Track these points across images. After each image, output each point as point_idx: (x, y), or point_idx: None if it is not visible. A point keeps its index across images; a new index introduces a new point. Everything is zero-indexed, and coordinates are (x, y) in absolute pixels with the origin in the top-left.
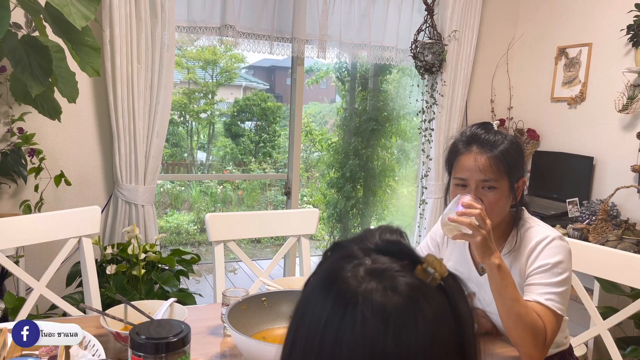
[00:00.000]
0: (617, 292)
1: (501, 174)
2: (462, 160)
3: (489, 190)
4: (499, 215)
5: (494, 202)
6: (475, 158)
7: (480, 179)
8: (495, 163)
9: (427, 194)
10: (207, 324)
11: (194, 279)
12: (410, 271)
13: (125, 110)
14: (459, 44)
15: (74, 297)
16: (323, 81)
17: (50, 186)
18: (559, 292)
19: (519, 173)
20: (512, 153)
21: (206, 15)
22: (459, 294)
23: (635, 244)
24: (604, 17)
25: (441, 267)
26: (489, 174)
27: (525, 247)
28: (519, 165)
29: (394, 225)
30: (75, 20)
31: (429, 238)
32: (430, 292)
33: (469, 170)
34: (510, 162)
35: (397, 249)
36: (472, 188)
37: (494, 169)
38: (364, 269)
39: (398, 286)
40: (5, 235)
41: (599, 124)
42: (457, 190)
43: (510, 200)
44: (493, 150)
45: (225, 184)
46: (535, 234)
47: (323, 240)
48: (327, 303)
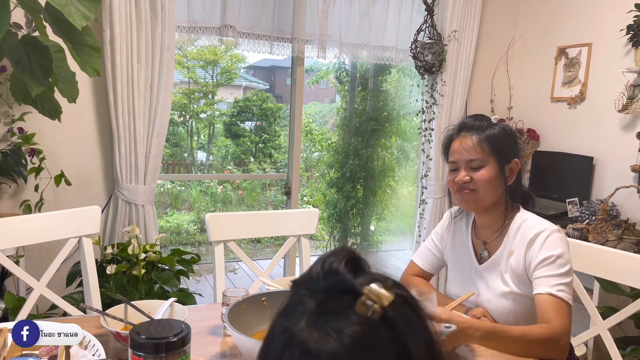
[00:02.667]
0: (617, 292)
1: (487, 154)
2: (453, 144)
3: (477, 169)
4: (491, 192)
5: (483, 180)
6: (461, 141)
7: (467, 158)
8: (479, 143)
9: (427, 194)
10: (207, 324)
11: (194, 278)
12: (351, 308)
13: (125, 110)
14: (459, 44)
15: (74, 297)
16: (323, 81)
17: (50, 186)
18: (567, 283)
19: (510, 155)
20: (499, 136)
21: (206, 15)
22: (406, 320)
23: (635, 244)
24: (604, 17)
25: (379, 297)
26: (474, 154)
27: (524, 236)
28: (509, 147)
29: (342, 249)
30: (75, 20)
31: (433, 234)
32: (371, 328)
33: (457, 152)
34: (497, 143)
35: (337, 283)
36: (461, 169)
37: (478, 149)
38: (306, 317)
39: (341, 330)
40: (5, 235)
41: (599, 124)
42: (450, 176)
43: (501, 180)
44: (480, 133)
45: (225, 184)
46: (533, 225)
47: (323, 240)
48: None
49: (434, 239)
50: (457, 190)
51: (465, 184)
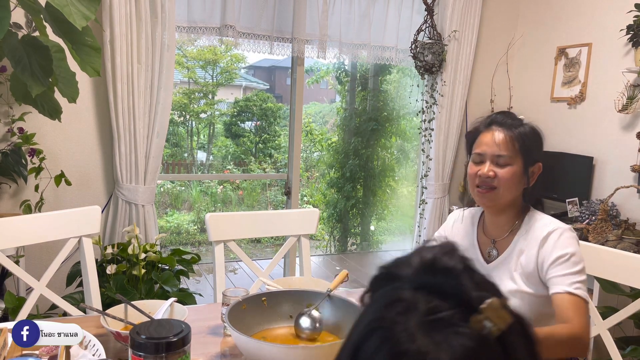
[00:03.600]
0: (617, 292)
1: (516, 152)
2: (482, 137)
3: (503, 166)
4: (511, 192)
5: (507, 178)
6: (493, 134)
7: (495, 153)
8: (511, 140)
9: (427, 194)
10: (207, 324)
11: (194, 278)
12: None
13: (125, 110)
14: (458, 44)
15: (74, 297)
16: (323, 81)
17: (50, 186)
18: (582, 280)
19: (535, 156)
20: (529, 136)
21: (206, 15)
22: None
23: (635, 244)
24: (604, 17)
25: (501, 320)
26: (504, 150)
27: (536, 235)
28: (536, 149)
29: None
30: (75, 20)
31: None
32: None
33: (486, 145)
34: (527, 143)
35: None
36: (487, 162)
37: (509, 146)
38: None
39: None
40: (6, 235)
41: (599, 124)
42: (473, 167)
43: (523, 181)
44: (512, 130)
45: (225, 184)
46: (545, 223)
47: (323, 240)
48: (379, 356)
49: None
50: (477, 184)
51: (488, 179)
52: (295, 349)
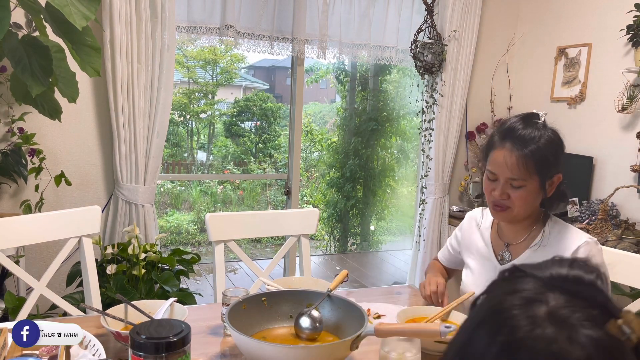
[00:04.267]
0: (617, 292)
1: (530, 173)
2: (495, 154)
3: (517, 188)
4: (526, 211)
5: (520, 199)
6: (505, 155)
7: (508, 176)
8: (524, 162)
9: (427, 193)
10: (207, 324)
11: (194, 278)
12: (601, 324)
13: (125, 110)
14: (458, 44)
15: (74, 297)
16: (323, 81)
17: (50, 186)
18: None
19: (553, 170)
20: (545, 151)
21: (206, 15)
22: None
23: (634, 244)
24: (604, 17)
25: None
26: (516, 173)
27: (564, 246)
28: (553, 163)
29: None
30: (75, 21)
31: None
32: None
33: (499, 166)
34: (541, 160)
35: (590, 294)
36: (500, 183)
37: (522, 169)
38: (545, 310)
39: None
40: (6, 235)
41: (599, 124)
42: (487, 182)
43: (540, 196)
44: (524, 149)
45: (225, 184)
46: (573, 235)
47: (323, 240)
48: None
49: (451, 240)
50: (491, 201)
51: (501, 200)
52: (295, 349)
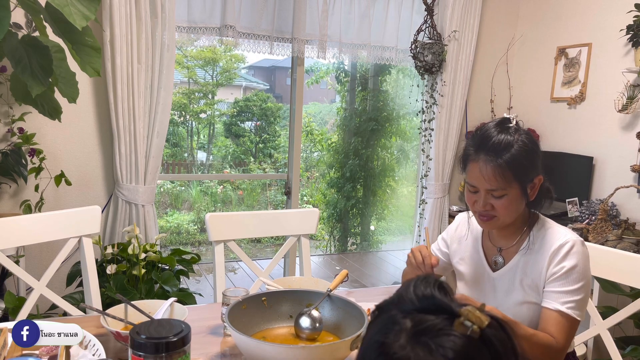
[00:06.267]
0: (617, 292)
1: (508, 182)
2: (471, 167)
3: (499, 198)
4: (512, 217)
5: (504, 208)
6: (480, 167)
7: (487, 188)
8: (500, 173)
9: (427, 193)
10: (207, 324)
11: (194, 278)
12: (449, 327)
13: (125, 110)
14: (458, 44)
15: (74, 297)
16: (323, 81)
17: (50, 186)
18: (578, 299)
19: (532, 174)
20: (519, 158)
21: (206, 15)
22: (501, 340)
23: (634, 244)
24: (604, 17)
25: (478, 319)
26: (495, 184)
27: (547, 248)
28: (530, 167)
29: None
30: (75, 21)
31: (440, 239)
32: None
33: (477, 179)
34: (518, 167)
35: (432, 304)
36: (481, 195)
37: (500, 179)
38: (405, 335)
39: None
40: (6, 235)
41: (599, 124)
42: (469, 195)
43: (523, 200)
44: (498, 159)
45: (225, 184)
46: (556, 236)
47: (323, 240)
48: None
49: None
50: (476, 211)
51: (485, 211)
52: (295, 349)
